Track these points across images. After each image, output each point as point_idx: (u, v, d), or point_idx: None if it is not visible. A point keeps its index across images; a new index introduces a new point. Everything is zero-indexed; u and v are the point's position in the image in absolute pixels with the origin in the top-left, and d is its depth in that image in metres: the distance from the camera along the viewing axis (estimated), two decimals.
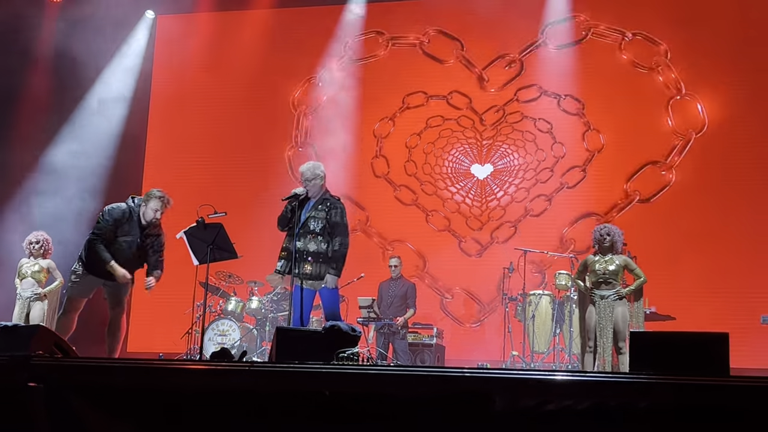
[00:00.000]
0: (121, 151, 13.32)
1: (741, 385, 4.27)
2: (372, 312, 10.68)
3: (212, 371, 4.79)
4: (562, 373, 7.31)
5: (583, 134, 12.52)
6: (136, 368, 4.90)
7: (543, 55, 12.73)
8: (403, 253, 12.26)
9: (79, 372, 4.80)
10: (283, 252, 7.69)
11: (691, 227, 11.57)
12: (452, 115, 13.13)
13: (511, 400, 4.22)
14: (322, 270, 7.56)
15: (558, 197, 12.51)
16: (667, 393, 4.17)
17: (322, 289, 7.65)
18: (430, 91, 13.21)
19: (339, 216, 7.66)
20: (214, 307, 11.45)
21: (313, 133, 13.36)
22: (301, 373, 4.56)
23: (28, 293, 9.59)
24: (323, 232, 7.58)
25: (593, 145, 12.42)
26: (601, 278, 8.43)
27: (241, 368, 4.74)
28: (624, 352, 8.26)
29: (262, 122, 13.37)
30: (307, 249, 7.54)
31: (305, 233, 7.55)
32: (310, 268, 7.52)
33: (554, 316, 10.62)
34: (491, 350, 11.68)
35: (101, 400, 4.58)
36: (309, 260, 7.52)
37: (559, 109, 12.66)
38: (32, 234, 9.87)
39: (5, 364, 4.77)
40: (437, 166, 13.09)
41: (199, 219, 8.33)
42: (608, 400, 4.18)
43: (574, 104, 12.58)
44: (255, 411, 4.43)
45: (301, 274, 7.53)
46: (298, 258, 7.52)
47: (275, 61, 13.40)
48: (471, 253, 12.60)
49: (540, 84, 12.77)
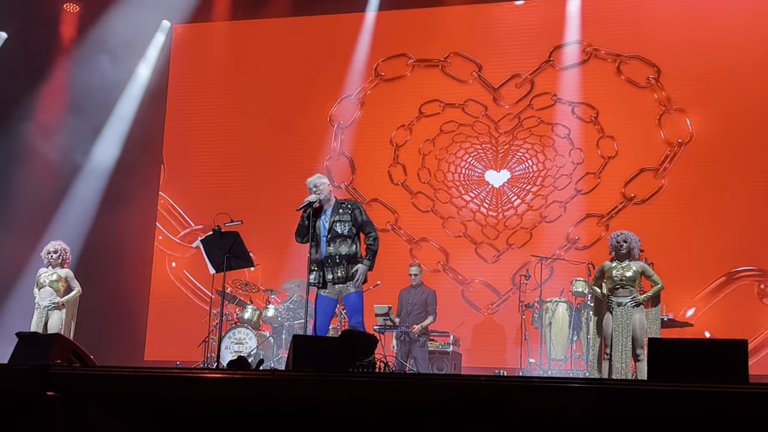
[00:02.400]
0: (137, 159, 13.36)
1: (761, 392, 4.24)
2: (388, 320, 10.66)
3: (233, 380, 4.79)
4: (579, 380, 7.28)
5: (597, 141, 12.71)
6: (153, 377, 4.90)
7: (552, 74, 13.09)
8: (427, 251, 12.81)
9: (97, 381, 4.81)
10: (313, 265, 7.72)
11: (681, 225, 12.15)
12: (467, 121, 13.20)
13: (529, 408, 4.20)
14: (355, 270, 7.67)
15: (570, 203, 12.72)
16: (686, 400, 4.14)
17: (347, 295, 7.69)
18: (446, 100, 13.31)
19: (365, 214, 7.88)
20: (230, 315, 11.47)
21: (345, 145, 13.55)
22: (321, 381, 4.56)
23: (46, 302, 9.63)
24: (351, 234, 7.70)
25: (606, 151, 12.71)
26: (618, 284, 8.40)
27: (263, 377, 4.74)
28: (641, 359, 8.22)
29: (278, 132, 13.36)
30: (339, 252, 7.66)
31: (334, 238, 7.66)
32: (344, 271, 7.61)
33: (571, 323, 10.57)
34: (508, 358, 11.67)
35: (119, 409, 4.58)
36: (343, 263, 7.63)
37: (573, 116, 12.84)
38: (50, 243, 9.92)
39: (24, 373, 4.79)
40: (449, 173, 13.14)
41: (216, 228, 8.37)
42: (626, 408, 4.16)
43: (587, 111, 12.82)
44: (275, 419, 4.43)
45: (334, 279, 7.59)
46: (331, 263, 7.58)
47: (294, 71, 13.42)
48: (487, 258, 12.74)
49: (553, 93, 13.02)
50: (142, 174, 13.42)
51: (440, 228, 12.99)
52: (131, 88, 13.52)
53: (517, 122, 12.97)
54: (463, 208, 12.97)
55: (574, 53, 13.06)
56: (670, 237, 11.84)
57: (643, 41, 12.69)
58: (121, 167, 13.31)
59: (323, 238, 7.69)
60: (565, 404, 4.20)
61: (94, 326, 10.90)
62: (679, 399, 4.16)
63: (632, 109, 12.68)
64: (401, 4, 13.50)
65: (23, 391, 4.67)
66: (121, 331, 12.56)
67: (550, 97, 12.94)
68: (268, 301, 11.50)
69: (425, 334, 10.67)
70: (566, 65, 13.05)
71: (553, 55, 13.06)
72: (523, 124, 12.97)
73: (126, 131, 13.42)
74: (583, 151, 12.72)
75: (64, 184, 13.13)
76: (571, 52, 13.05)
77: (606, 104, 12.79)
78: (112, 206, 12.92)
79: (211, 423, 4.52)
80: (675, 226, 12.02)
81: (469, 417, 4.24)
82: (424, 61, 13.51)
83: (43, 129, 13.05)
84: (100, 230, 12.85)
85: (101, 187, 13.19)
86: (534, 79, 13.07)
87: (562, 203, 12.62)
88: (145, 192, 13.39)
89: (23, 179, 12.84)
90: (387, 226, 12.92)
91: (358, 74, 13.55)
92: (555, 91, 12.96)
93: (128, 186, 13.14)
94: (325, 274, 7.68)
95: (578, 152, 12.70)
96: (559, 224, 12.61)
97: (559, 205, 12.64)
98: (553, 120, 12.90)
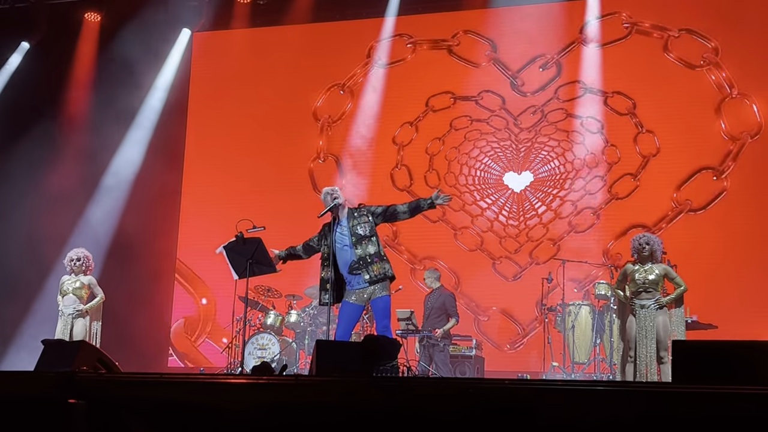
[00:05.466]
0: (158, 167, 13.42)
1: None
2: (411, 324, 10.66)
3: (257, 385, 4.81)
4: (603, 383, 7.25)
5: (634, 137, 11.42)
6: (178, 383, 4.92)
7: (583, 55, 11.66)
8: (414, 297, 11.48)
9: (122, 387, 4.84)
10: (324, 284, 7.79)
11: (742, 236, 10.87)
12: (482, 116, 11.93)
13: (553, 412, 4.19)
14: (386, 267, 7.71)
15: (605, 209, 11.47)
16: (711, 403, 4.11)
17: (377, 299, 7.71)
18: (457, 92, 12.14)
19: (375, 206, 7.89)
20: (253, 321, 11.51)
21: (333, 144, 12.65)
22: (344, 386, 4.56)
23: (70, 310, 9.68)
24: (373, 233, 7.75)
25: (646, 149, 11.35)
26: (641, 287, 8.37)
27: (287, 382, 4.75)
28: (666, 362, 8.18)
29: (300, 136, 13.26)
30: (368, 252, 7.69)
31: (359, 241, 7.70)
32: (377, 269, 7.64)
33: (594, 326, 10.52)
34: (531, 362, 11.59)
35: (144, 415, 4.60)
36: (375, 262, 7.66)
37: (606, 108, 11.53)
38: (73, 251, 9.98)
39: (50, 380, 4.82)
40: (462, 176, 11.90)
41: (238, 234, 8.41)
42: (651, 411, 4.14)
43: (623, 102, 11.47)
44: (299, 424, 4.44)
45: (372, 278, 7.63)
46: (363, 264, 7.63)
47: (311, 75, 13.31)
48: (507, 276, 11.75)
49: (583, 81, 11.64)
50: (164, 179, 13.46)
51: (452, 241, 11.94)
52: (152, 96, 13.58)
53: (540, 116, 11.79)
54: (478, 217, 11.79)
55: (610, 28, 11.63)
56: (736, 250, 10.72)
57: (697, 12, 11.25)
58: (145, 172, 13.35)
59: (346, 247, 7.70)
60: (589, 408, 4.19)
61: (118, 332, 10.97)
62: (704, 401, 4.13)
63: (683, 96, 11.22)
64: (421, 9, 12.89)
65: (49, 398, 4.70)
66: (145, 337, 12.62)
67: (579, 86, 11.64)
68: (291, 307, 11.53)
69: (447, 338, 10.64)
70: (601, 43, 11.64)
71: (585, 31, 11.72)
72: (547, 117, 11.72)
73: (147, 139, 13.49)
74: (619, 148, 11.45)
75: (88, 190, 13.20)
76: (608, 26, 11.63)
77: (648, 91, 11.39)
78: (134, 213, 13.01)
79: (235, 428, 4.53)
80: (740, 238, 10.80)
81: (493, 421, 4.23)
82: (426, 41, 12.37)
83: (66, 138, 13.14)
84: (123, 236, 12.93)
85: (124, 193, 13.25)
86: (561, 61, 11.76)
87: (594, 210, 11.61)
88: (167, 198, 13.46)
89: (46, 186, 12.92)
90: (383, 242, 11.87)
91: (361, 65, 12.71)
92: (585, 77, 11.57)
93: (150, 192, 13.21)
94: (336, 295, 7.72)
95: (613, 150, 11.50)
96: (593, 234, 11.48)
97: (591, 212, 11.56)
98: (583, 113, 11.62)
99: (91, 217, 12.99)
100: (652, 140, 11.39)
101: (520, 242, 11.68)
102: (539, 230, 11.60)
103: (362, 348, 5.95)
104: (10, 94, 13.47)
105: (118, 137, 13.35)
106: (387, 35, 12.61)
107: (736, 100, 11.02)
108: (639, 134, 11.45)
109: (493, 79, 12.03)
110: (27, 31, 13.67)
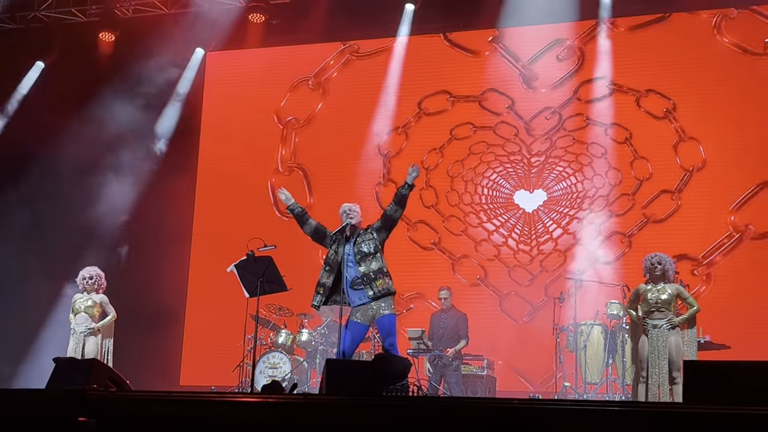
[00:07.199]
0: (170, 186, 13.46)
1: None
2: (422, 343, 10.63)
3: (267, 404, 4.81)
4: (615, 403, 7.21)
5: (674, 145, 10.32)
6: (189, 401, 4.93)
7: (608, 41, 10.49)
8: (467, 266, 10.95)
9: (133, 405, 4.85)
10: (319, 287, 7.81)
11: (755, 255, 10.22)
12: (487, 122, 11.19)
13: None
14: (389, 283, 7.72)
15: (639, 235, 10.51)
16: (723, 424, 4.09)
17: (381, 318, 7.72)
18: (456, 91, 11.37)
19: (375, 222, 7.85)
20: (264, 340, 11.50)
21: (301, 152, 11.83)
22: (354, 406, 4.56)
23: (82, 328, 9.71)
24: (377, 250, 7.78)
25: (689, 160, 10.28)
26: (654, 307, 8.34)
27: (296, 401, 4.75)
28: (678, 383, 8.13)
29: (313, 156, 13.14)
30: (371, 269, 7.72)
31: (363, 258, 7.74)
32: (380, 284, 7.66)
33: (606, 346, 10.46)
34: (543, 382, 11.51)
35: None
36: (378, 278, 7.69)
37: (639, 110, 10.50)
38: (85, 269, 10.02)
39: (61, 398, 4.83)
40: (467, 194, 11.25)
41: (249, 252, 8.44)
42: None
43: (660, 103, 10.42)
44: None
45: (375, 293, 7.64)
46: (368, 280, 7.66)
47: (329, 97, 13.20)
48: (517, 318, 11.18)
49: (609, 76, 10.60)
50: (179, 198, 13.49)
51: (447, 273, 11.55)
52: (166, 115, 13.65)
53: (549, 143, 11.48)
54: (483, 242, 11.20)
55: (598, 89, 11.23)
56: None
57: (659, 78, 10.82)
58: (158, 190, 13.39)
59: (350, 264, 7.75)
60: (602, 429, 4.17)
61: (130, 350, 10.99)
62: (715, 422, 4.10)
63: (737, 94, 10.15)
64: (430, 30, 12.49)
65: (60, 416, 4.71)
66: (157, 355, 12.62)
67: (583, 119, 11.28)
68: (302, 326, 11.52)
69: (458, 358, 10.61)
70: (632, 26, 10.83)
71: (579, 91, 11.35)
72: (556, 143, 11.38)
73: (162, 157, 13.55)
74: (650, 161, 10.63)
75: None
76: (596, 87, 11.25)
77: (692, 88, 10.57)
78: (146, 232, 13.05)
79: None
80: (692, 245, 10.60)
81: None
82: (463, 98, 11.79)
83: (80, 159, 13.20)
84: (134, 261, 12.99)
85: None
86: (561, 112, 11.41)
87: (597, 225, 11.33)
88: (180, 215, 13.48)
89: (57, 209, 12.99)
90: (430, 245, 11.48)
91: (391, 105, 12.02)
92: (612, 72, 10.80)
93: (164, 210, 13.24)
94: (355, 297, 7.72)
95: (615, 173, 11.12)
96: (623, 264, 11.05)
97: (621, 238, 11.13)
98: (588, 140, 11.21)
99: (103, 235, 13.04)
100: (696, 149, 10.09)
101: (532, 272, 11.01)
102: (555, 258, 10.83)
103: (373, 367, 5.95)
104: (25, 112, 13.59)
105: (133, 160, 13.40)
106: (430, 87, 11.64)
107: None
108: (679, 142, 10.36)
109: (499, 73, 11.05)
110: (42, 51, 13.84)
